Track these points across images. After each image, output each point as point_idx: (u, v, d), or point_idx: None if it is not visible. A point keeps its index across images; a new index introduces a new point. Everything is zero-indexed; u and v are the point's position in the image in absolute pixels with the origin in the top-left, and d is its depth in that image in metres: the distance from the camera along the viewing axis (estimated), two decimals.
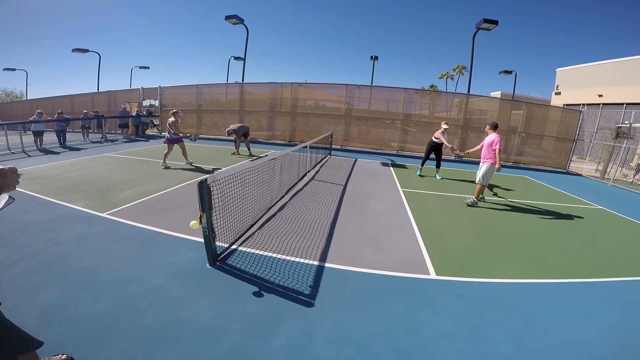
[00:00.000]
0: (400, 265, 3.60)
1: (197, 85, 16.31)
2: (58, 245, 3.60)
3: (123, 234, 4.04)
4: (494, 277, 3.51)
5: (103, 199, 5.31)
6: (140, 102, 17.18)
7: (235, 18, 15.19)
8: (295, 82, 15.08)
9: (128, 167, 8.17)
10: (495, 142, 6.04)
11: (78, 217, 4.49)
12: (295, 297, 2.87)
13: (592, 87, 20.73)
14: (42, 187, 5.83)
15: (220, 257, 3.45)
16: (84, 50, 21.39)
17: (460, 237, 4.63)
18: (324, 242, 4.07)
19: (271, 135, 15.61)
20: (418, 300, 2.99)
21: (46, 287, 2.80)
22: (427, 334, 2.52)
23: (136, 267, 3.23)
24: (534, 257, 4.16)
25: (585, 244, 4.82)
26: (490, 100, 15.95)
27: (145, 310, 2.57)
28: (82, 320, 2.41)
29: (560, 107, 16.35)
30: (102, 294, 2.74)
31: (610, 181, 10.97)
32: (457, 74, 43.45)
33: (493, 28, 13.22)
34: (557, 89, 25.01)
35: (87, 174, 7.12)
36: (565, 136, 13.50)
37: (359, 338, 2.42)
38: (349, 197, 6.27)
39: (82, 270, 3.10)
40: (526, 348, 2.43)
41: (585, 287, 3.48)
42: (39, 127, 11.06)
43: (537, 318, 2.84)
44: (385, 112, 14.84)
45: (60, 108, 15.20)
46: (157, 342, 2.24)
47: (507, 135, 13.91)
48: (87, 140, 13.52)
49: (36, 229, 4.01)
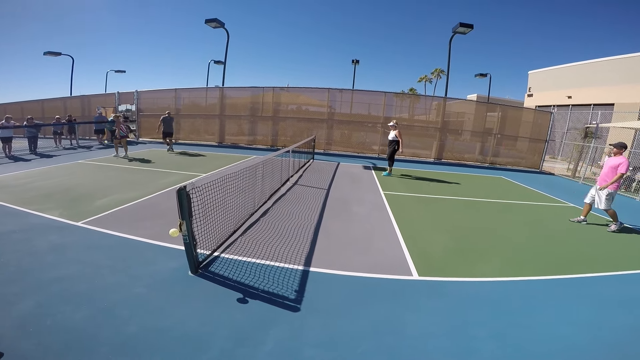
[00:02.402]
0: (383, 267, 3.65)
1: (176, 89, 16.00)
2: (31, 255, 3.44)
3: (100, 243, 3.90)
4: (474, 276, 3.61)
5: (78, 207, 5.11)
6: (116, 106, 16.67)
7: (215, 22, 15.08)
8: (277, 87, 15.07)
9: (103, 174, 7.91)
10: (622, 164, 5.43)
11: (52, 226, 4.31)
12: (281, 302, 2.86)
13: (562, 88, 21.56)
14: (11, 196, 5.56)
15: (202, 265, 3.39)
16: (56, 53, 20.65)
17: (440, 238, 4.74)
18: (308, 247, 4.07)
19: (253, 140, 15.50)
20: (402, 301, 3.04)
21: (21, 297, 2.68)
22: (412, 333, 2.57)
23: (116, 276, 3.13)
24: (511, 255, 4.32)
25: (558, 241, 5.04)
26: (466, 103, 16.47)
27: (127, 319, 2.50)
28: (62, 331, 2.32)
29: (533, 109, 17.07)
30: (81, 304, 2.64)
31: (580, 179, 11.52)
32: (435, 77, 44.52)
33: (469, 32, 13.70)
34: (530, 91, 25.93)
35: (60, 182, 6.84)
36: (538, 137, 14.09)
37: (347, 340, 2.44)
38: (332, 201, 6.31)
39: (59, 280, 2.98)
40: (509, 344, 2.52)
41: (560, 283, 3.63)
42: (7, 132, 10.53)
43: (518, 315, 2.94)
44: (366, 116, 15.05)
45: (30, 113, 14.54)
46: (141, 352, 2.18)
47: (483, 137, 14.40)
48: (60, 146, 12.99)
49: (6, 239, 3.82)
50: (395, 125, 9.59)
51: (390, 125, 9.69)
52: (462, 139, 15.06)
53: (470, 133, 14.90)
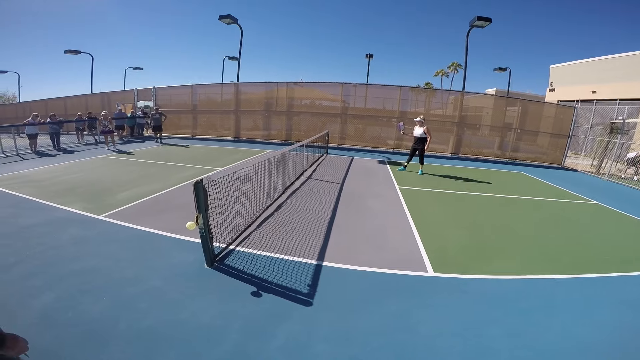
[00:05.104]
0: (398, 263, 3.61)
1: (192, 85, 16.24)
2: (55, 248, 3.57)
3: (120, 235, 4.02)
4: (492, 274, 3.53)
5: (99, 201, 5.28)
6: (135, 103, 17.07)
7: (229, 18, 15.13)
8: (291, 82, 15.07)
9: (124, 168, 8.13)
10: None
11: (74, 219, 4.46)
12: (294, 296, 2.88)
13: (585, 83, 20.83)
14: (37, 190, 5.79)
15: (218, 258, 3.45)
16: (76, 51, 21.25)
17: (457, 234, 4.65)
18: (322, 241, 4.07)
19: (267, 135, 15.60)
20: (416, 298, 3.00)
21: (44, 290, 2.78)
22: (425, 331, 2.53)
23: (134, 268, 3.22)
24: (531, 253, 4.19)
25: (581, 239, 4.87)
26: (485, 97, 16.06)
27: (143, 311, 2.56)
28: (81, 323, 2.40)
29: (555, 104, 16.49)
30: (100, 296, 2.73)
31: (605, 176, 11.06)
32: (452, 71, 43.49)
33: (486, 25, 13.30)
34: (551, 85, 25.14)
35: (83, 177, 7.07)
36: (560, 132, 13.61)
37: (358, 336, 2.43)
38: (346, 196, 6.28)
39: (80, 273, 3.09)
40: (525, 344, 2.45)
41: (583, 283, 3.51)
42: (33, 130, 10.95)
43: (536, 314, 2.86)
44: (381, 110, 14.88)
45: (53, 110, 15.07)
46: (157, 344, 2.23)
47: (502, 132, 14.02)
48: (82, 142, 13.42)
49: (32, 232, 3.98)
50: (422, 121, 8.95)
51: (417, 120, 9.03)
52: (480, 133, 14.71)
53: (489, 128, 14.52)
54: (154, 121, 13.59)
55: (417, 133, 8.93)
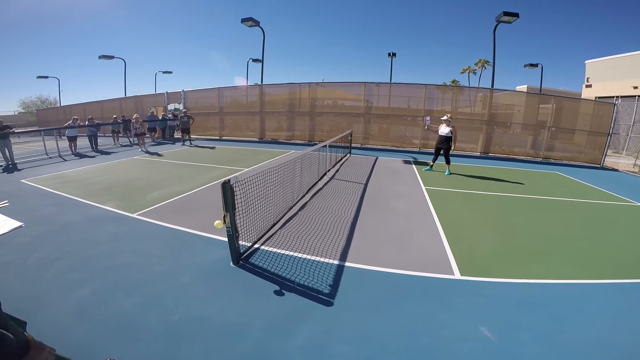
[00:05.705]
0: (422, 265, 3.54)
1: (219, 88, 16.72)
2: (92, 245, 3.80)
3: (152, 233, 4.21)
4: (522, 278, 3.38)
5: (133, 200, 5.55)
6: (165, 105, 17.76)
7: (251, 21, 15.43)
8: (313, 82, 15.16)
9: (155, 169, 8.50)
10: None
11: (110, 217, 4.72)
12: (315, 296, 2.90)
13: (625, 78, 19.52)
14: (77, 189, 6.18)
15: (244, 256, 3.53)
16: (109, 57, 22.38)
17: (486, 236, 4.50)
18: (345, 241, 4.07)
19: (291, 136, 15.76)
20: (441, 301, 2.93)
21: (81, 284, 2.97)
22: (449, 335, 2.47)
23: (164, 265, 3.37)
24: (565, 256, 3.98)
25: (621, 243, 4.56)
26: (515, 94, 15.37)
27: (171, 307, 2.67)
28: (113, 317, 2.54)
29: (592, 100, 15.55)
30: (132, 292, 2.88)
31: None
32: (480, 68, 42.05)
33: (514, 20, 12.78)
34: (588, 81, 23.77)
35: (118, 177, 7.47)
36: (598, 130, 12.78)
37: (378, 338, 2.41)
38: (370, 196, 6.23)
39: (114, 269, 3.27)
40: (555, 350, 2.33)
41: (619, 288, 3.29)
42: (73, 132, 11.68)
43: (568, 320, 2.72)
44: (405, 109, 14.63)
45: (90, 113, 16.00)
46: (182, 339, 2.32)
47: (535, 130, 13.39)
48: (117, 144, 14.16)
49: (73, 229, 4.25)
50: (449, 119, 8.71)
51: (444, 119, 8.78)
52: (511, 132, 14.10)
53: (520, 126, 13.90)
54: (182, 124, 14.19)
55: (444, 132, 8.69)
